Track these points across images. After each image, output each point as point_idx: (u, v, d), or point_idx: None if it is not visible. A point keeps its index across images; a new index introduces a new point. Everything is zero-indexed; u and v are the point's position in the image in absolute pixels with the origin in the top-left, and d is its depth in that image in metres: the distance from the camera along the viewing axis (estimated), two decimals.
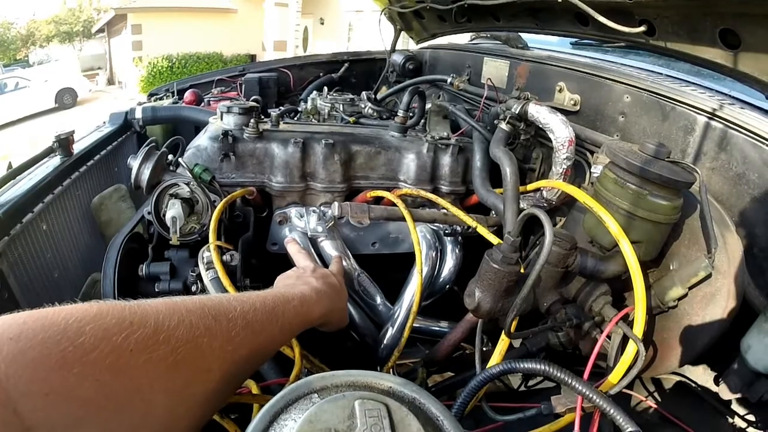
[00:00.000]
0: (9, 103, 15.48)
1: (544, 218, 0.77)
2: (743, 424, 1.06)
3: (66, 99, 17.37)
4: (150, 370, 0.53)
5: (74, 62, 23.04)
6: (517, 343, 1.20)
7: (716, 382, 1.08)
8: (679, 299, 1.03)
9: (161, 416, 0.55)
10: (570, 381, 0.76)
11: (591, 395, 0.75)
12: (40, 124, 14.27)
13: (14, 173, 1.70)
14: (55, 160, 1.87)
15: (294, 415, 0.55)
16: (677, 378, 1.21)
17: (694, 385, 1.19)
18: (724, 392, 1.04)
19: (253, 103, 1.61)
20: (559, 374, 0.77)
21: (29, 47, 27.29)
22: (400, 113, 1.69)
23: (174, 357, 0.55)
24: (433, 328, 1.50)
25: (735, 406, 1.10)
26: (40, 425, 0.44)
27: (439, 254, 1.51)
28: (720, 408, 1.10)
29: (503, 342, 0.95)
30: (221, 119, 1.60)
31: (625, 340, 0.98)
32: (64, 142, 1.90)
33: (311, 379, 0.60)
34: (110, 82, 23.98)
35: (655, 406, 1.16)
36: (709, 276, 0.98)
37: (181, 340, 0.56)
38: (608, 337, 0.98)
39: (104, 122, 2.47)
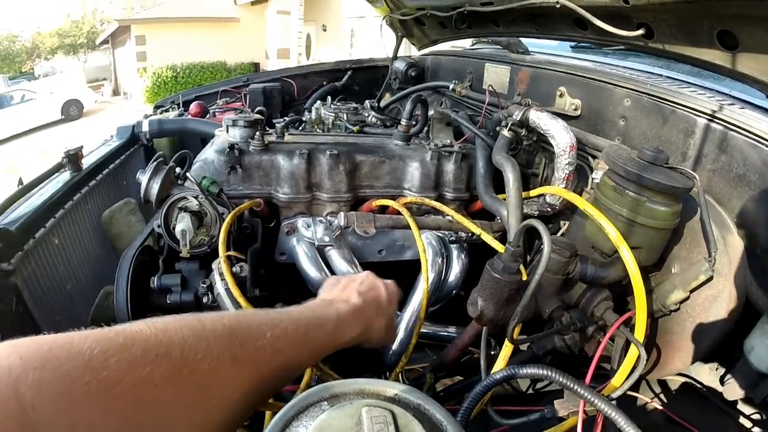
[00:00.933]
0: (15, 116, 15.55)
1: (542, 229, 0.78)
2: (749, 424, 1.07)
3: (72, 110, 17.46)
4: (173, 404, 0.53)
5: (79, 74, 23.15)
6: (523, 346, 1.21)
7: (721, 383, 1.09)
8: (681, 302, 1.04)
9: None
10: (572, 385, 0.78)
11: (593, 399, 0.76)
12: (47, 136, 14.37)
13: (26, 189, 1.73)
14: (65, 176, 1.90)
15: (305, 422, 0.58)
16: (683, 379, 1.22)
17: (699, 385, 1.20)
18: (729, 393, 1.05)
19: (258, 116, 1.63)
20: (561, 379, 0.78)
21: (34, 60, 27.52)
22: (403, 122, 1.72)
23: (198, 390, 0.55)
24: (441, 333, 1.52)
25: (740, 407, 1.10)
26: None
27: (445, 260, 1.53)
28: (725, 408, 1.10)
29: (507, 347, 0.97)
30: (227, 132, 1.63)
31: (628, 342, 1.00)
32: (73, 158, 1.93)
33: (321, 388, 0.63)
34: (115, 92, 24.10)
35: (661, 407, 1.17)
36: (710, 279, 0.99)
37: (206, 374, 0.56)
38: (611, 340, 1.00)
39: (112, 136, 2.51)
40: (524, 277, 0.93)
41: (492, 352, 1.14)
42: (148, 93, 17.05)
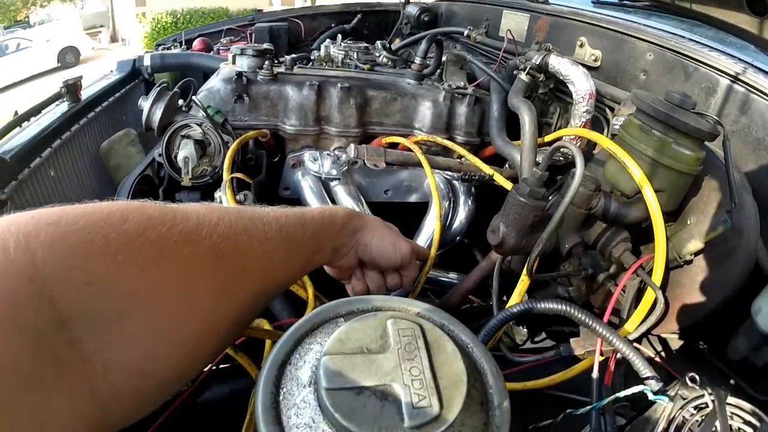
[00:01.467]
0: (12, 65, 15.31)
1: (575, 151, 0.75)
2: (747, 389, 1.06)
3: (69, 58, 17.17)
4: (194, 263, 0.51)
5: (76, 21, 22.56)
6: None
7: (723, 345, 1.08)
8: (697, 254, 1.02)
9: (204, 314, 0.53)
10: (590, 322, 0.75)
11: (611, 337, 0.74)
12: (43, 84, 14.15)
13: (21, 119, 1.68)
14: (63, 106, 1.85)
15: (320, 338, 0.54)
16: (683, 340, 1.21)
17: (700, 346, 1.19)
18: (730, 355, 1.04)
19: (267, 46, 1.58)
20: (579, 315, 0.76)
21: (29, 8, 26.76)
22: (417, 60, 1.67)
23: (216, 252, 0.53)
24: (443, 278, 1.49)
25: (740, 370, 1.10)
26: (77, 317, 0.41)
27: (451, 205, 1.50)
28: (725, 370, 1.10)
29: (523, 282, 0.94)
30: (234, 63, 1.58)
31: (639, 293, 0.98)
32: (72, 88, 1.87)
33: (336, 304, 0.59)
34: (113, 39, 23.60)
35: (662, 363, 1.16)
36: (726, 232, 0.97)
37: (222, 236, 0.54)
38: (623, 290, 0.98)
39: (112, 70, 2.44)
40: None
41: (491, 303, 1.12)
42: (147, 39, 16.72)
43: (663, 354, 1.22)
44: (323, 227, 0.74)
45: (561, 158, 1.41)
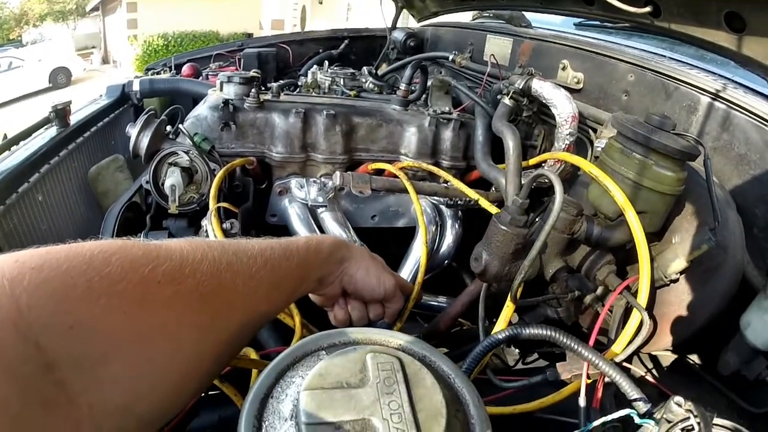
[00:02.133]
0: (3, 84, 15.29)
1: (554, 179, 0.76)
2: (740, 402, 1.07)
3: (60, 78, 17.21)
4: (177, 303, 0.51)
5: (68, 41, 22.73)
6: (515, 320, 1.20)
7: (714, 360, 1.09)
8: (681, 272, 1.03)
9: (188, 353, 0.53)
10: (576, 347, 0.76)
11: (597, 361, 0.74)
12: (34, 104, 14.13)
13: (10, 143, 1.68)
14: (51, 131, 1.85)
15: (301, 371, 0.54)
16: (675, 355, 1.21)
17: (691, 362, 1.20)
18: (722, 368, 1.04)
19: (254, 74, 1.59)
20: (565, 340, 0.76)
21: (22, 27, 26.92)
22: (403, 87, 1.68)
23: (200, 291, 0.53)
24: (432, 302, 1.49)
25: (732, 385, 1.10)
26: (62, 360, 0.41)
27: (438, 229, 1.50)
28: (717, 385, 1.10)
29: (508, 308, 0.94)
30: (221, 90, 1.59)
31: (626, 313, 0.98)
32: (61, 113, 1.87)
33: (318, 336, 0.59)
34: (105, 61, 23.72)
35: (654, 381, 1.16)
36: (711, 250, 0.98)
37: (206, 274, 0.54)
38: (609, 311, 0.98)
39: (101, 95, 2.45)
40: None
41: (485, 325, 1.12)
42: (138, 61, 16.76)
43: (654, 371, 1.22)
44: (309, 257, 0.75)
45: (546, 180, 1.42)
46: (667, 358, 1.22)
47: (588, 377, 0.79)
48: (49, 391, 0.41)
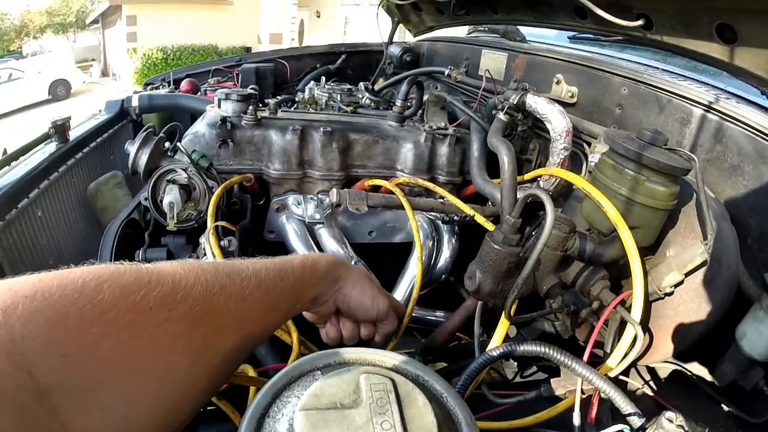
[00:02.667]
0: (2, 95, 15.33)
1: (545, 198, 0.77)
2: (738, 413, 1.07)
3: (59, 90, 17.27)
4: (170, 329, 0.51)
5: (68, 53, 22.86)
6: (512, 333, 1.20)
7: (711, 371, 1.09)
8: (676, 286, 1.03)
9: (182, 378, 0.53)
10: (570, 363, 0.76)
11: (591, 377, 0.75)
12: (33, 116, 14.16)
13: (10, 159, 1.68)
14: (51, 147, 1.86)
15: (297, 391, 0.55)
16: (672, 367, 1.22)
17: (689, 373, 1.20)
18: (718, 380, 1.04)
19: (252, 91, 1.61)
20: (558, 356, 0.77)
21: (23, 38, 27.03)
22: (398, 103, 1.70)
23: (192, 316, 0.54)
24: (429, 317, 1.50)
25: (729, 395, 1.10)
26: (56, 388, 0.42)
27: (435, 244, 1.51)
28: (715, 396, 1.10)
29: (503, 325, 0.95)
30: (219, 106, 1.60)
31: (622, 326, 0.99)
32: (60, 129, 1.88)
33: (314, 357, 0.60)
34: (104, 73, 23.79)
35: (651, 393, 1.16)
36: (705, 263, 0.98)
37: (198, 299, 0.55)
38: (605, 324, 0.99)
39: (100, 110, 2.46)
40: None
41: (480, 339, 1.12)
42: (137, 74, 16.83)
43: (652, 383, 1.22)
44: (305, 277, 0.75)
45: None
46: (665, 369, 1.22)
47: (583, 392, 0.79)
48: (44, 419, 0.41)
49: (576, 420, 0.77)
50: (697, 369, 1.18)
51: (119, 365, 0.47)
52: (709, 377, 1.11)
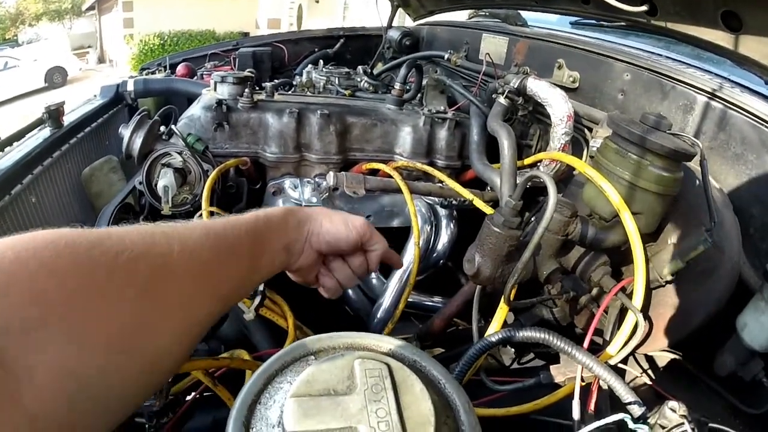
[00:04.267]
0: None
1: (548, 180, 0.75)
2: (736, 403, 1.06)
3: (56, 78, 17.15)
4: (108, 264, 0.50)
5: (64, 41, 22.68)
6: (510, 319, 1.19)
7: (710, 361, 1.08)
8: (677, 274, 1.02)
9: (125, 317, 0.52)
10: (570, 350, 0.75)
11: (591, 364, 0.74)
12: (30, 104, 14.08)
13: (2, 145, 1.67)
14: (45, 132, 1.83)
15: (290, 377, 0.53)
16: (671, 356, 1.21)
17: (688, 363, 1.19)
18: (718, 370, 1.04)
19: (248, 73, 1.58)
20: (559, 342, 0.76)
21: (18, 26, 26.83)
22: (397, 86, 1.68)
23: (129, 252, 0.52)
24: (427, 302, 1.49)
25: (728, 386, 1.10)
26: None
27: (434, 229, 1.50)
28: (714, 386, 1.10)
29: (502, 310, 0.94)
30: (215, 90, 1.58)
31: (621, 314, 0.98)
32: (54, 114, 1.86)
33: (307, 341, 0.58)
34: (101, 60, 23.65)
35: (650, 382, 1.16)
36: (707, 251, 0.97)
37: (135, 241, 0.54)
38: (605, 312, 0.98)
39: (95, 95, 2.43)
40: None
41: (479, 325, 1.11)
42: (134, 61, 16.73)
43: (651, 372, 1.21)
44: (260, 226, 0.72)
45: (540, 180, 1.41)
46: (664, 358, 1.21)
47: (582, 380, 0.78)
48: None
49: (575, 408, 0.76)
50: (696, 359, 1.17)
51: (58, 300, 0.46)
52: (708, 368, 1.10)
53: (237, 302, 0.87)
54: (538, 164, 1.41)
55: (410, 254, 1.39)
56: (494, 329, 0.93)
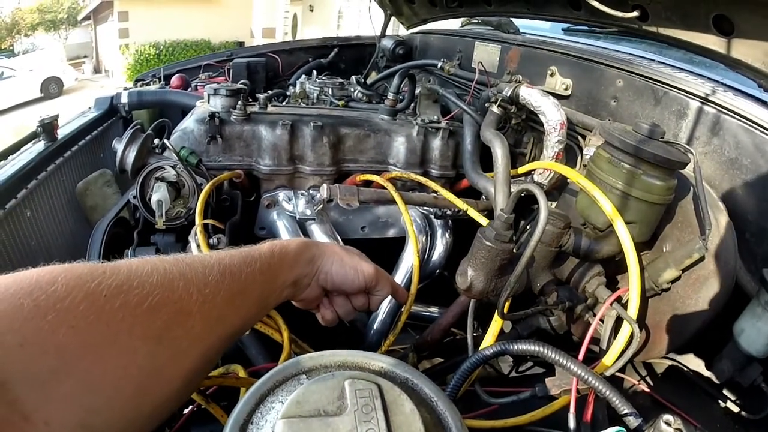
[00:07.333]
0: None
1: (539, 193, 0.75)
2: (735, 409, 1.06)
3: (52, 88, 17.18)
4: (126, 314, 0.51)
5: (60, 51, 22.78)
6: (507, 328, 1.19)
7: (708, 367, 1.08)
8: (673, 282, 1.02)
9: (143, 365, 0.52)
10: (565, 362, 0.74)
11: (587, 376, 0.73)
12: (26, 114, 14.07)
13: None
14: (39, 146, 1.83)
15: (281, 396, 0.53)
16: (669, 363, 1.21)
17: (686, 370, 1.19)
18: (716, 376, 1.03)
19: (241, 86, 1.58)
20: (553, 355, 0.75)
21: (14, 36, 26.86)
22: (390, 96, 1.67)
23: (149, 301, 0.53)
24: (423, 313, 1.49)
25: (727, 391, 1.09)
26: (15, 379, 0.42)
27: (429, 239, 1.49)
28: (712, 392, 1.09)
29: (496, 323, 0.93)
30: (208, 102, 1.57)
31: (618, 323, 0.97)
32: (48, 127, 1.85)
33: (299, 360, 0.58)
34: (96, 70, 23.71)
35: (648, 390, 1.15)
36: (702, 258, 0.97)
37: (155, 285, 0.54)
38: (601, 320, 0.97)
39: (89, 107, 2.43)
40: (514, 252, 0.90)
41: (475, 335, 1.11)
42: (130, 71, 16.78)
43: (649, 380, 1.21)
44: (274, 262, 0.73)
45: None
46: (662, 365, 1.21)
47: (578, 391, 0.78)
48: (3, 409, 0.41)
49: (571, 421, 0.75)
50: (694, 365, 1.17)
51: (77, 352, 0.46)
52: (706, 374, 1.10)
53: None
54: (532, 173, 1.41)
55: (406, 265, 1.39)
56: (488, 342, 0.93)
